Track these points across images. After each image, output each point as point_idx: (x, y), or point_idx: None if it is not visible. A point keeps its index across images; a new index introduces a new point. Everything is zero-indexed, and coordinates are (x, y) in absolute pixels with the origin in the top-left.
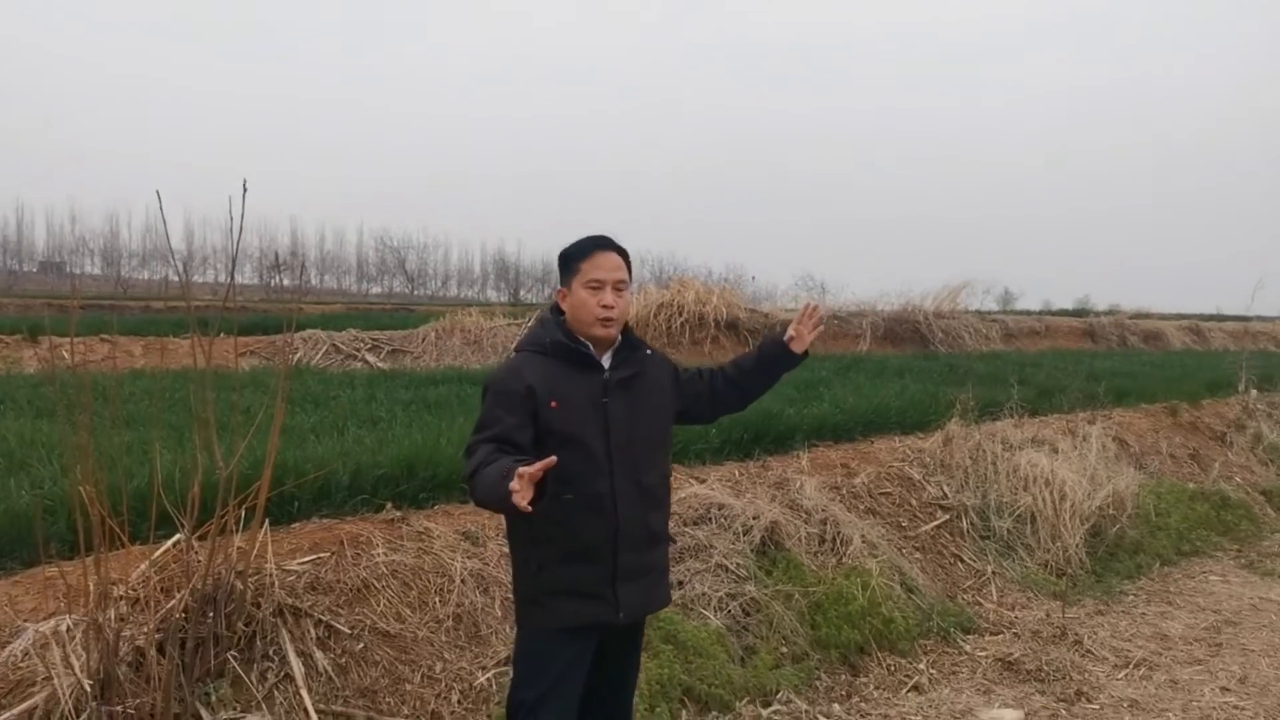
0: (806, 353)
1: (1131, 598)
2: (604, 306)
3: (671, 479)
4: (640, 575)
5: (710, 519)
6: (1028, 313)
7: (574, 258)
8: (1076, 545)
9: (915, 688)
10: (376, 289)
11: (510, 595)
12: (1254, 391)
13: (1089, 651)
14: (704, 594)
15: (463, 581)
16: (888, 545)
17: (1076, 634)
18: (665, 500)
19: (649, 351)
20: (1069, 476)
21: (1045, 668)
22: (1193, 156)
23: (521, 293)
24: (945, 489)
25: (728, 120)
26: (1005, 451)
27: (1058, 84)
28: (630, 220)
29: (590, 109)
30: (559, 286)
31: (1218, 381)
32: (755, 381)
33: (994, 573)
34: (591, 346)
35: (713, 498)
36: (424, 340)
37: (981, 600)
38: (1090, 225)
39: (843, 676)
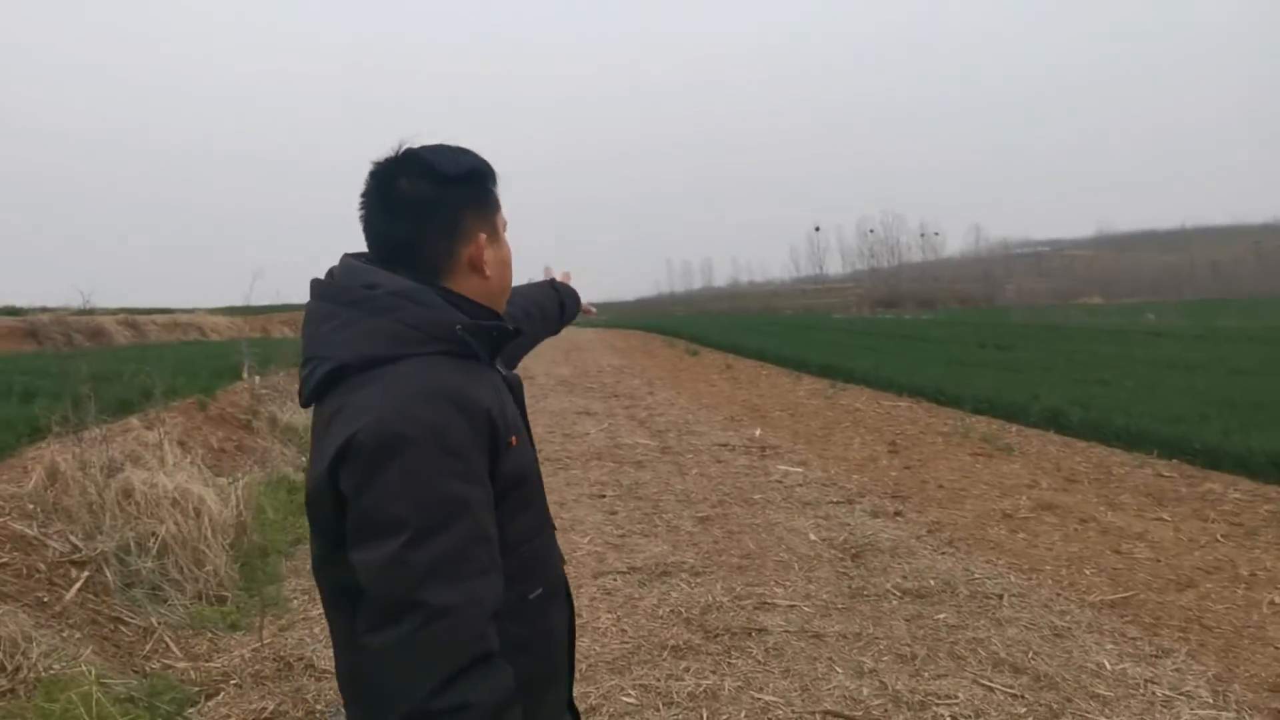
0: None
1: (296, 602)
2: None
3: None
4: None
5: None
6: None
7: (494, 179)
8: (226, 564)
9: None
10: None
11: None
12: (257, 378)
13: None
14: None
15: None
16: (52, 635)
17: (302, 657)
18: None
19: None
20: (202, 491)
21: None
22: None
23: None
24: (74, 540)
25: None
26: (107, 477)
27: None
28: None
29: None
30: (472, 228)
31: (218, 370)
32: (546, 333)
33: (161, 624)
34: None
35: None
36: None
37: (170, 661)
38: None
39: None
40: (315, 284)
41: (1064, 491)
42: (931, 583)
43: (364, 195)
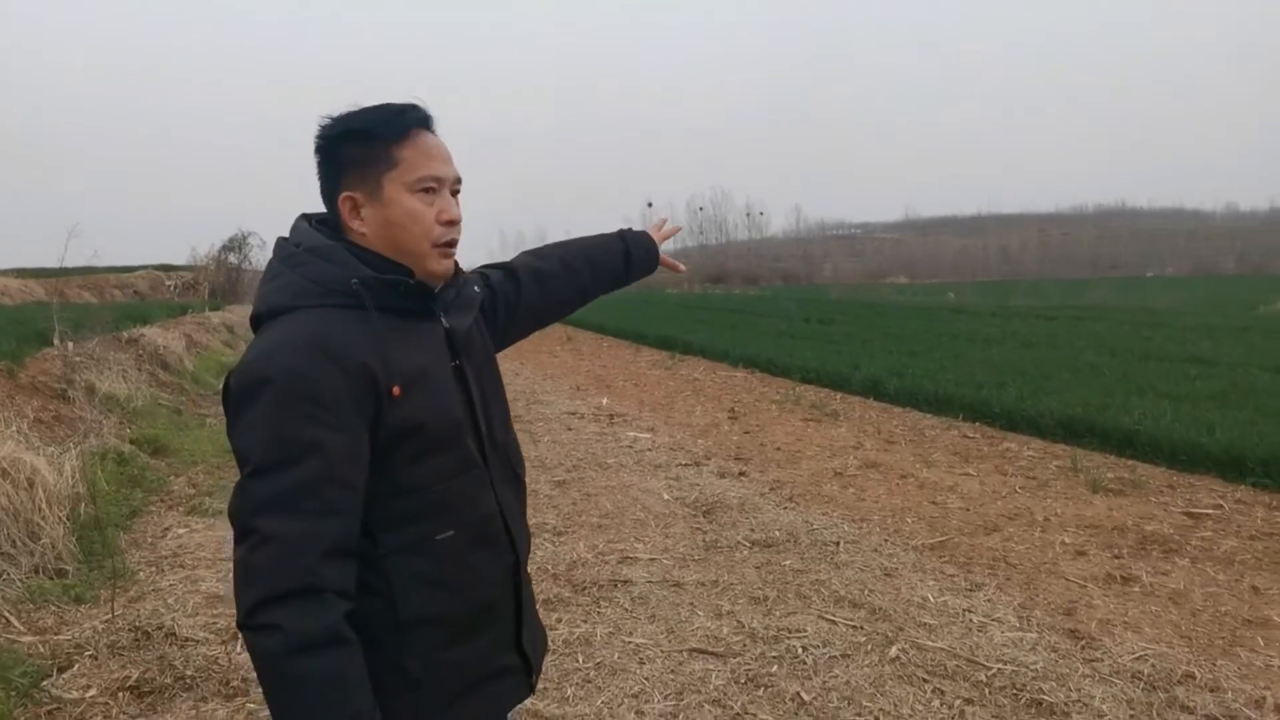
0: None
1: (143, 573)
2: (449, 223)
3: None
4: (531, 608)
5: None
6: None
7: (383, 138)
8: (64, 537)
9: None
10: None
11: None
12: (70, 344)
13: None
14: None
15: None
16: None
17: (161, 625)
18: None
19: (473, 277)
20: (35, 461)
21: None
22: None
23: None
24: None
25: None
26: None
27: None
28: None
29: None
30: (342, 189)
31: (23, 336)
32: (607, 284)
33: None
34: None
35: None
36: None
37: (12, 636)
38: None
39: None
40: (275, 242)
41: (885, 451)
42: (776, 534)
43: None
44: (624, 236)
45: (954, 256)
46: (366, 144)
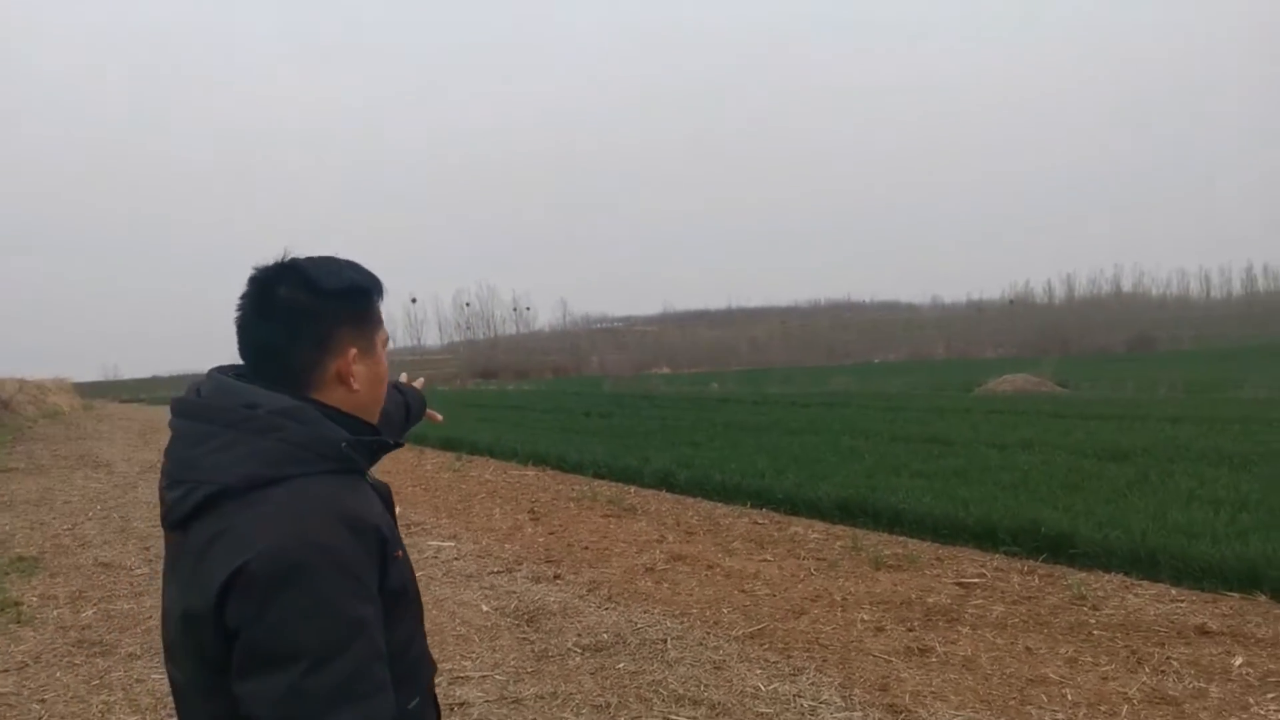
0: None
1: None
2: None
3: None
4: None
5: None
6: None
7: (375, 298)
8: None
9: None
10: None
11: None
12: None
13: None
14: None
15: None
16: None
17: None
18: None
19: None
20: None
21: None
22: None
23: None
24: None
25: None
26: None
27: None
28: None
29: None
30: (345, 344)
31: None
32: (396, 433)
33: None
34: None
35: None
36: None
37: None
38: None
39: None
40: (181, 403)
41: (688, 543)
42: (604, 636)
43: (242, 298)
44: (400, 388)
45: (709, 347)
46: (368, 302)
